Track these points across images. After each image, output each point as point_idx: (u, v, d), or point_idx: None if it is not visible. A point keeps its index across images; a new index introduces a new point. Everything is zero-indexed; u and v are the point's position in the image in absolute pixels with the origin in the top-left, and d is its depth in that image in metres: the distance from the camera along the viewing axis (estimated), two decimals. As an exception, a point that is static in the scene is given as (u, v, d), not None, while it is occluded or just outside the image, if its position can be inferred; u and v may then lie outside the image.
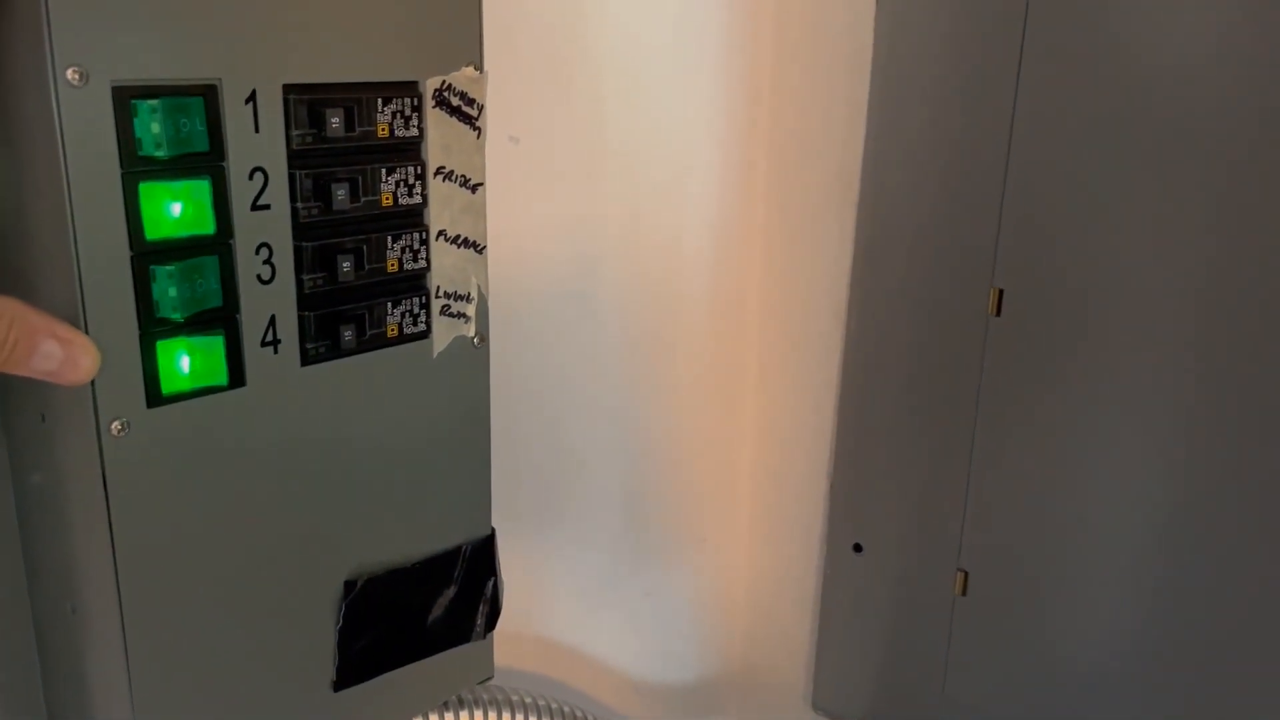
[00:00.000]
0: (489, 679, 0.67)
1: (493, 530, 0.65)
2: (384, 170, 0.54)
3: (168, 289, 0.47)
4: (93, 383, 0.46)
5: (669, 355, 0.90)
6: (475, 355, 0.61)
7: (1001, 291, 0.81)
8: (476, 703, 0.70)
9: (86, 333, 0.45)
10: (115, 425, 0.47)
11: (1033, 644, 0.84)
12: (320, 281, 0.53)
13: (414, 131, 0.55)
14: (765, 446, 0.99)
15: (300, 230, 0.52)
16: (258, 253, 0.50)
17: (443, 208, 0.57)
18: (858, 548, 0.94)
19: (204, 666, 0.53)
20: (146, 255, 0.47)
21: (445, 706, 0.68)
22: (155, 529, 0.50)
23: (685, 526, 0.97)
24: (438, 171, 0.56)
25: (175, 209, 0.47)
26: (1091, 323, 0.76)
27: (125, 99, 0.45)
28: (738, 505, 1.01)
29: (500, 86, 0.68)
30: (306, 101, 0.50)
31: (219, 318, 0.50)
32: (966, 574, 0.87)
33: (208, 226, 0.48)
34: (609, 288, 0.83)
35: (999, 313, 0.81)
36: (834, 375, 0.92)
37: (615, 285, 0.83)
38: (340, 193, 0.52)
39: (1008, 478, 0.83)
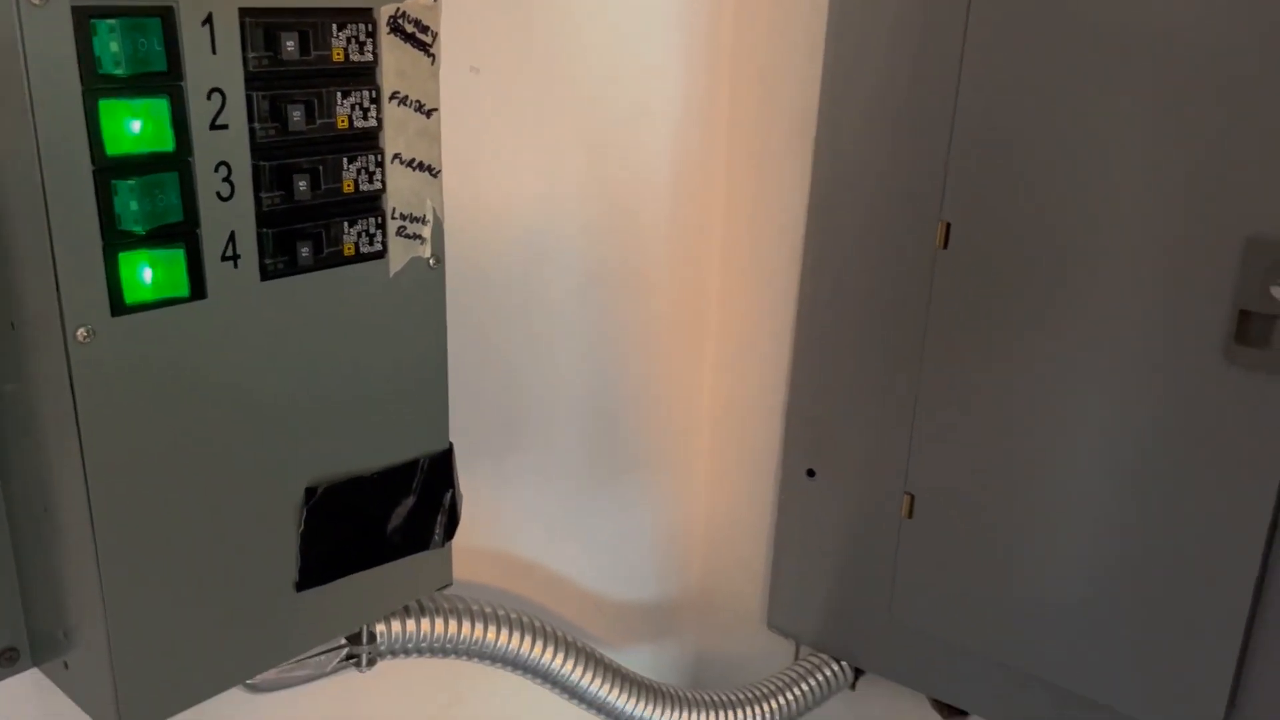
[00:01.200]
0: (447, 585, 0.71)
1: (450, 445, 0.68)
2: (339, 94, 0.56)
3: (129, 202, 0.50)
4: (59, 292, 0.48)
5: (631, 287, 0.93)
6: (431, 276, 0.63)
7: (949, 225, 0.83)
8: (438, 610, 0.74)
9: (51, 245, 0.48)
10: (81, 332, 0.50)
11: (976, 567, 0.88)
12: (278, 200, 0.55)
13: (369, 57, 0.57)
14: (724, 376, 1.03)
15: (258, 150, 0.54)
16: (216, 170, 0.53)
17: (398, 132, 0.59)
18: (811, 473, 0.98)
19: (172, 562, 0.56)
20: (108, 170, 0.49)
21: (406, 612, 0.72)
22: (122, 434, 0.52)
23: (646, 452, 1.01)
24: (393, 96, 0.58)
25: (135, 126, 0.49)
26: (1036, 255, 0.79)
27: (85, 18, 0.47)
28: (697, 432, 1.05)
29: (461, 17, 0.70)
30: (263, 25, 0.52)
31: (180, 232, 0.52)
32: (913, 497, 0.91)
33: (167, 144, 0.51)
34: (571, 220, 0.85)
35: (946, 245, 0.84)
36: (790, 307, 0.95)
37: (577, 217, 0.86)
38: (296, 114, 0.54)
39: (954, 405, 0.86)
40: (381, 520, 0.65)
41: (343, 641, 0.69)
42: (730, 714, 0.94)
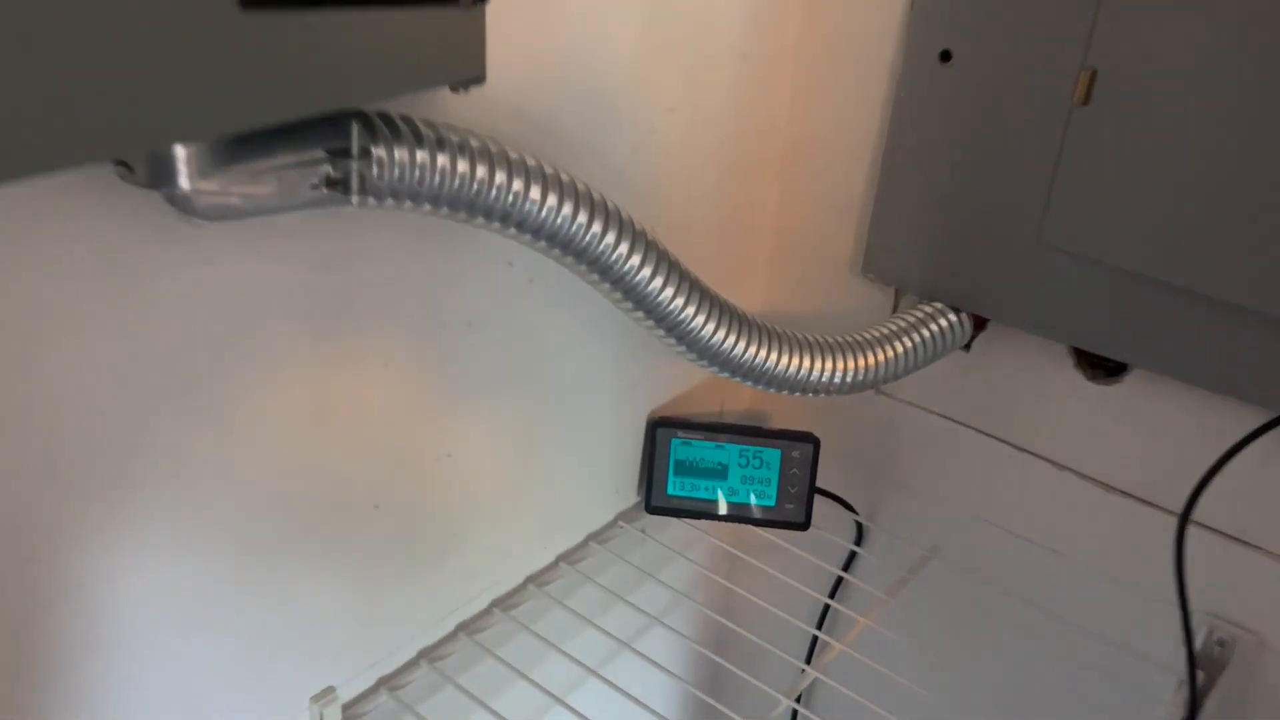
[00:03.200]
0: (477, 84, 0.47)
1: None
2: None
3: None
4: None
5: None
6: None
7: None
8: (459, 147, 0.50)
9: None
10: None
11: (1161, 166, 0.65)
12: None
13: None
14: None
15: None
16: None
17: None
18: (946, 55, 0.74)
19: None
20: None
21: (415, 140, 0.48)
22: None
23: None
24: None
25: None
26: None
27: None
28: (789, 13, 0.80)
29: None
30: None
31: None
32: (1094, 75, 0.67)
33: None
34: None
35: None
36: None
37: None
38: None
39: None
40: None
41: (320, 154, 0.46)
42: (829, 359, 0.73)
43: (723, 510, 0.87)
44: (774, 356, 0.70)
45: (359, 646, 0.69)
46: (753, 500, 0.86)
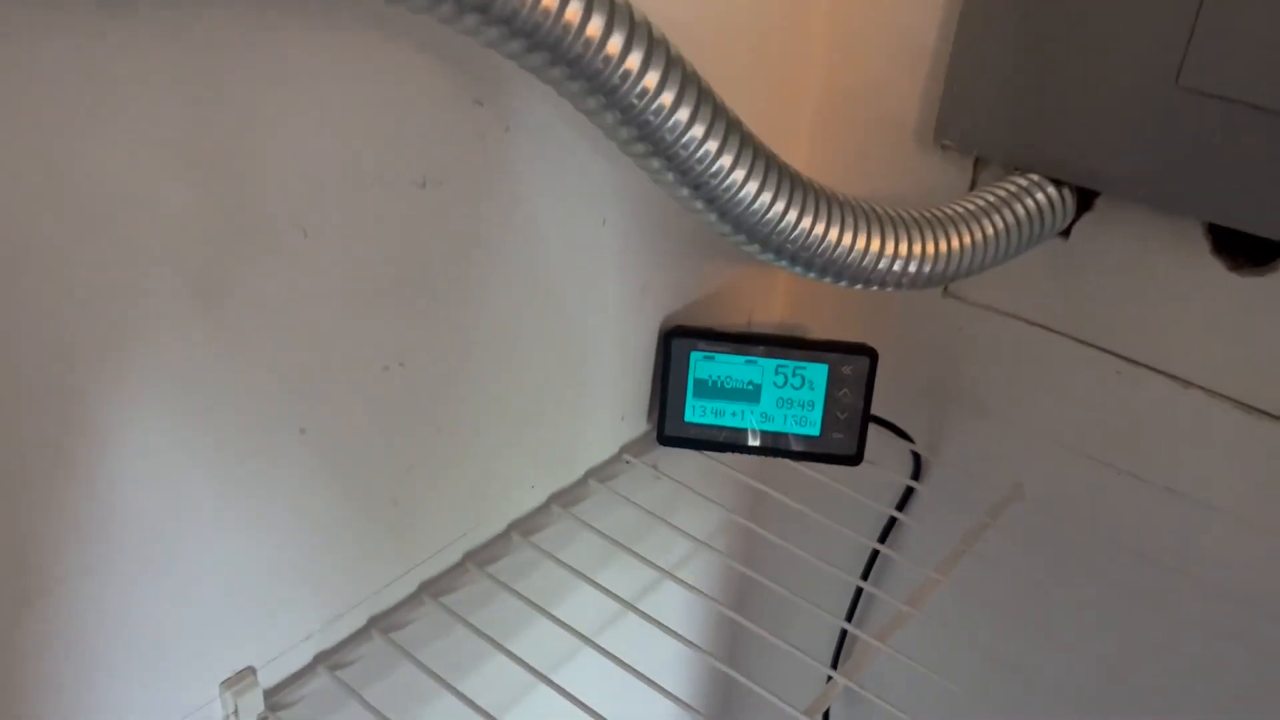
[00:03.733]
0: None
1: None
2: None
3: None
4: None
5: None
6: None
7: None
8: None
9: None
10: None
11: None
12: None
13: None
14: None
15: None
16: None
17: None
18: None
19: None
20: None
21: None
22: None
23: None
24: None
25: None
26: None
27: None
28: None
29: None
30: None
31: None
32: None
33: None
34: None
35: None
36: None
37: None
38: None
39: None
40: None
41: None
42: (898, 239, 0.56)
43: (754, 441, 0.70)
44: (833, 232, 0.52)
45: (289, 614, 0.52)
46: (792, 428, 0.70)
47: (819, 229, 0.51)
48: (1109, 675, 0.73)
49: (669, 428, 0.70)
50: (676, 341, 0.68)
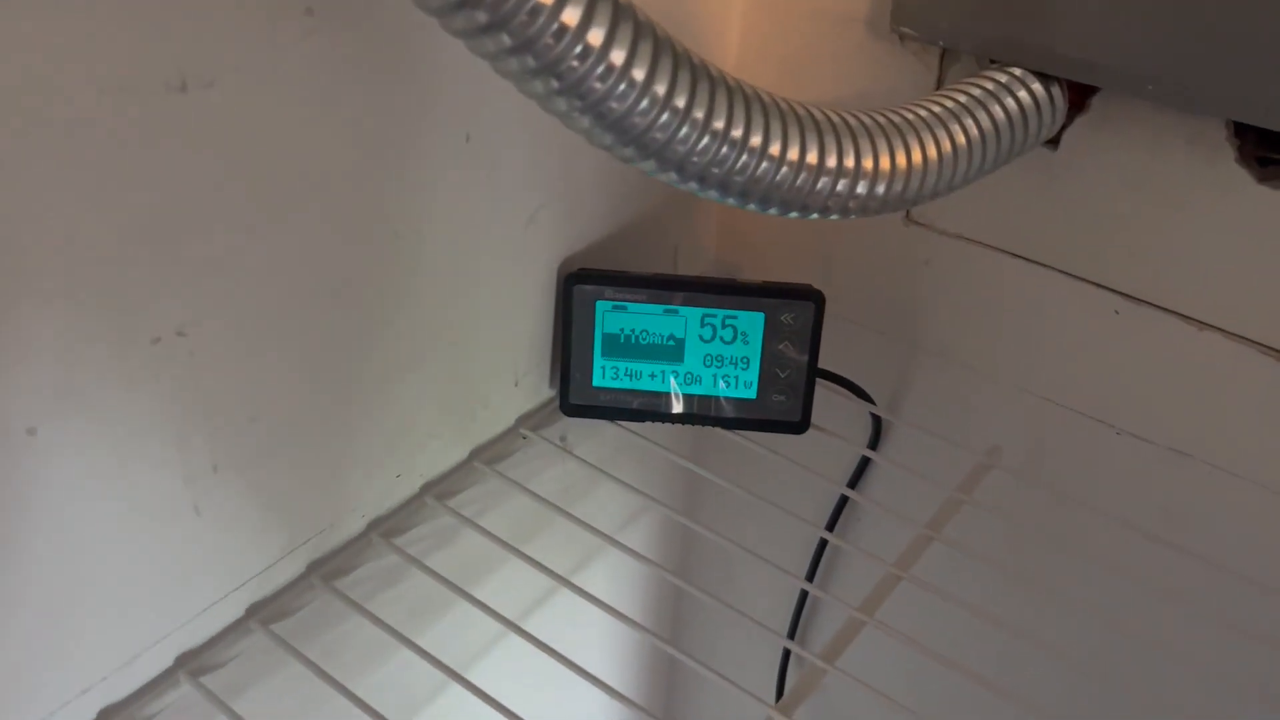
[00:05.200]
0: None
1: None
2: None
3: None
4: None
5: None
6: None
7: None
8: None
9: None
10: None
11: None
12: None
13: None
14: None
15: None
16: None
17: None
18: None
19: None
20: None
21: None
22: None
23: None
24: None
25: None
26: None
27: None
28: None
29: None
30: None
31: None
32: None
33: None
34: None
35: None
36: None
37: None
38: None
39: None
40: None
41: None
42: (847, 149, 0.43)
43: (678, 407, 0.58)
44: (754, 139, 0.39)
45: (145, 607, 0.40)
46: (723, 391, 0.57)
47: (735, 134, 0.38)
48: (1102, 665, 0.62)
49: (574, 395, 0.57)
50: (579, 289, 0.55)
